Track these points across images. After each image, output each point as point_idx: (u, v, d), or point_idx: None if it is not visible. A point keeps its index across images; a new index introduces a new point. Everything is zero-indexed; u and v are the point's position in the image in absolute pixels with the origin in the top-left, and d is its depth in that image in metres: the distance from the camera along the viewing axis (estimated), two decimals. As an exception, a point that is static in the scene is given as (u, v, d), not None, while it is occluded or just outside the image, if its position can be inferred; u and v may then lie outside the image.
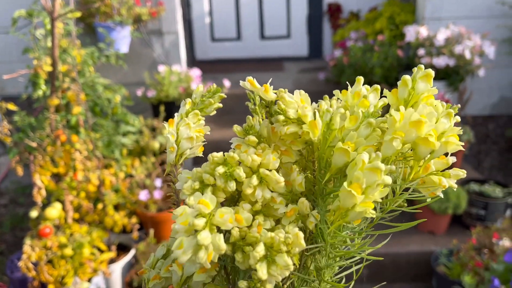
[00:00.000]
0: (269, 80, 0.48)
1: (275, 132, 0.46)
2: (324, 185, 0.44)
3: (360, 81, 0.49)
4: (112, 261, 2.31)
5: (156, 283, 0.48)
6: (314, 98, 0.48)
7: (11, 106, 1.94)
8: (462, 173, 0.47)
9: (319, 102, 0.47)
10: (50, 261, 2.00)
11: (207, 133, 0.52)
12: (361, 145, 0.42)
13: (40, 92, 2.11)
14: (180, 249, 0.39)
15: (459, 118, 0.44)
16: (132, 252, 2.41)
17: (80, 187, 2.13)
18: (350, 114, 0.44)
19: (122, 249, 2.46)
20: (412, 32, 2.94)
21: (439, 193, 0.47)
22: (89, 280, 2.08)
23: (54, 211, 2.02)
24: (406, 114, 0.42)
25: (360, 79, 0.48)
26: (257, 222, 0.42)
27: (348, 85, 0.50)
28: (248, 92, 0.48)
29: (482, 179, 2.88)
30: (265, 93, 0.46)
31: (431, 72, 0.44)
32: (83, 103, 2.15)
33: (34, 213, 2.01)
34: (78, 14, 2.09)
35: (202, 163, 0.46)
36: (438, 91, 0.49)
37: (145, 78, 3.18)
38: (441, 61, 2.74)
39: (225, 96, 0.53)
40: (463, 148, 0.43)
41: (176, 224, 0.40)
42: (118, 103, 2.48)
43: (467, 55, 2.69)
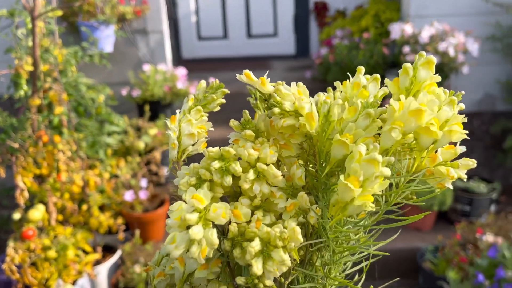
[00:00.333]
0: (266, 73, 0.47)
1: (273, 125, 0.45)
2: (324, 179, 0.43)
3: (360, 71, 0.46)
4: (97, 263, 2.28)
5: (161, 280, 0.48)
6: (301, 97, 0.46)
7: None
8: (472, 162, 0.45)
9: (317, 94, 0.46)
10: (34, 264, 1.97)
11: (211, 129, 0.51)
12: (360, 136, 0.41)
13: (22, 92, 2.08)
14: (173, 244, 0.39)
15: (463, 105, 0.42)
16: (118, 253, 2.39)
17: (64, 188, 2.11)
18: (350, 105, 0.42)
19: (108, 250, 2.44)
20: (397, 30, 2.95)
21: (448, 185, 0.45)
22: (74, 282, 2.05)
23: (37, 213, 1.99)
24: (405, 103, 0.40)
25: (361, 69, 0.46)
26: (255, 218, 0.42)
27: (334, 83, 0.48)
28: (249, 88, 0.48)
29: (467, 175, 2.91)
30: (262, 86, 0.45)
31: (433, 59, 0.42)
32: (66, 103, 2.12)
33: (16, 215, 1.98)
34: (59, 13, 2.06)
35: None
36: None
37: (130, 77, 3.15)
38: (425, 59, 2.75)
39: (228, 92, 0.52)
40: (466, 136, 0.41)
41: (170, 219, 0.40)
42: (102, 103, 2.45)
43: (451, 52, 2.71)
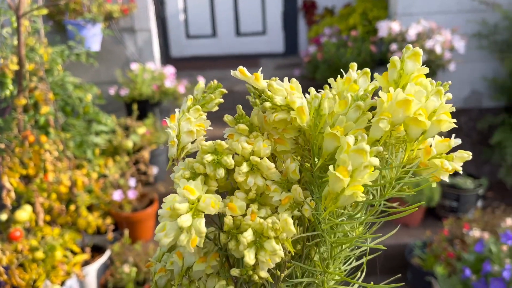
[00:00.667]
0: (260, 69, 0.48)
1: (267, 120, 0.46)
2: (318, 172, 0.44)
3: (353, 67, 0.48)
4: (86, 263, 2.27)
5: (162, 275, 0.49)
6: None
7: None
8: (467, 155, 0.46)
9: (309, 89, 0.47)
10: (21, 265, 1.95)
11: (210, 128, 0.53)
12: (350, 129, 0.42)
13: (8, 92, 2.05)
14: (163, 231, 0.40)
15: (450, 95, 0.43)
16: (107, 253, 2.37)
17: (51, 189, 2.09)
18: (341, 99, 0.43)
19: (97, 250, 2.42)
20: (385, 28, 2.97)
21: (444, 177, 0.47)
22: (62, 283, 2.04)
23: (24, 213, 1.97)
24: (393, 94, 0.41)
25: (354, 65, 0.48)
26: (250, 211, 0.43)
27: (325, 81, 0.49)
28: (248, 86, 0.49)
29: (454, 171, 2.94)
30: (256, 81, 0.46)
31: (419, 51, 0.43)
32: (52, 102, 2.10)
33: (3, 216, 1.96)
34: (44, 11, 2.04)
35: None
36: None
37: (118, 76, 3.13)
38: (412, 56, 2.77)
39: (226, 92, 0.54)
40: (455, 125, 0.42)
41: (161, 209, 0.41)
42: (90, 102, 2.43)
43: (438, 49, 2.73)
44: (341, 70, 0.49)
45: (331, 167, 0.38)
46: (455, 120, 0.42)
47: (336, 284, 0.49)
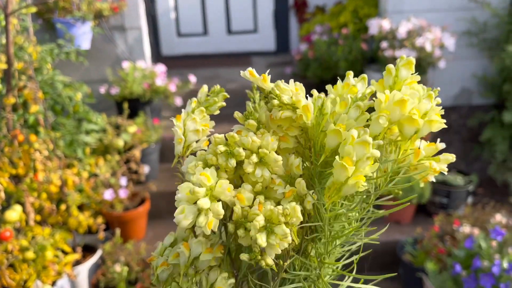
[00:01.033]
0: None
1: (272, 119, 0.49)
2: (320, 167, 0.48)
3: (350, 74, 0.53)
4: (77, 263, 2.26)
5: (164, 269, 0.51)
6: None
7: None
8: (451, 157, 0.51)
9: (311, 91, 0.51)
10: (11, 265, 1.94)
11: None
12: (351, 126, 0.46)
13: (-4, 91, 2.03)
14: (182, 214, 0.43)
15: (440, 99, 0.47)
16: (99, 253, 2.36)
17: (41, 188, 2.07)
18: (341, 101, 0.48)
19: (88, 250, 2.41)
20: (375, 26, 2.98)
21: (432, 178, 0.51)
22: (54, 283, 2.03)
23: (14, 213, 1.95)
24: (390, 95, 0.46)
25: (350, 73, 0.53)
26: (257, 201, 0.46)
27: (313, 79, 0.53)
28: (248, 92, 0.52)
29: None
30: (263, 82, 0.50)
31: (412, 60, 0.48)
32: (42, 101, 2.08)
33: (-7, 217, 1.94)
34: (33, 10, 2.02)
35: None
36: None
37: (108, 75, 3.11)
38: (403, 54, 2.79)
39: (228, 96, 0.57)
40: (445, 125, 0.47)
41: (179, 193, 0.45)
42: (80, 101, 2.41)
43: (428, 47, 2.75)
44: (331, 68, 0.52)
45: (337, 157, 0.42)
46: (445, 121, 0.46)
47: (330, 279, 0.53)
